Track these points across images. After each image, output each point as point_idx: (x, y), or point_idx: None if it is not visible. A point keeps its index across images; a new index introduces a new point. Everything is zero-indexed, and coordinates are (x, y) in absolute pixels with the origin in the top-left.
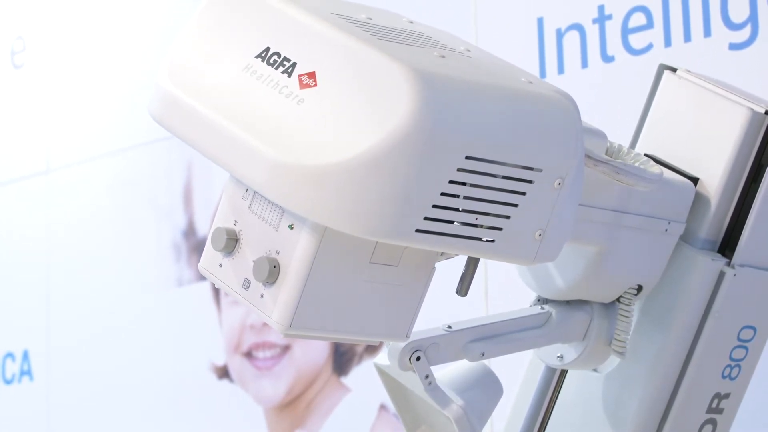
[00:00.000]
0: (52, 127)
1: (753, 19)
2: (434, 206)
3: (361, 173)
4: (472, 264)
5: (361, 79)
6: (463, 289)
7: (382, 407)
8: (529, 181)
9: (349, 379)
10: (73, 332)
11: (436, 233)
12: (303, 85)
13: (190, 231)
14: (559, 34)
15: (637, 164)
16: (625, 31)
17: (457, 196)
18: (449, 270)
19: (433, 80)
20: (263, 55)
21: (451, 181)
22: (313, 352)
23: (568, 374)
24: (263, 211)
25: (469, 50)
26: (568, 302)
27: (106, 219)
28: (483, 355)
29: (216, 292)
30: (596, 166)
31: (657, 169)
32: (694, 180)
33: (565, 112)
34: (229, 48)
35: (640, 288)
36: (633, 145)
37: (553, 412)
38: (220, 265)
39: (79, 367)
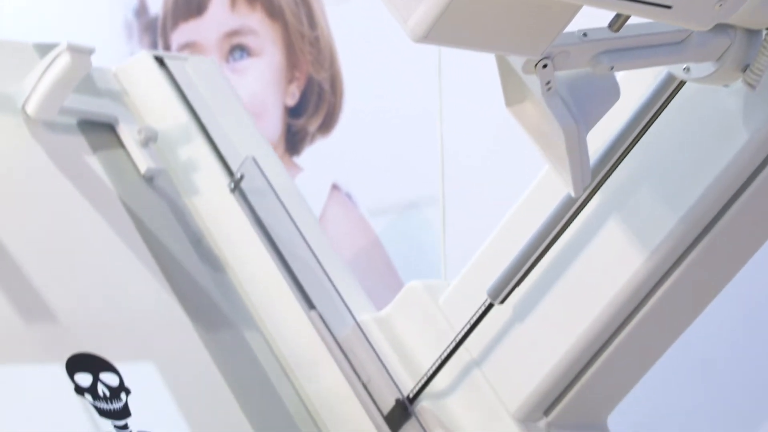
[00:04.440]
0: None
1: None
2: None
3: None
4: None
5: None
6: (616, 24)
7: (334, 187)
8: None
9: (301, 159)
10: None
11: None
12: None
13: (141, 10)
14: None
15: None
16: None
17: None
18: None
19: None
20: None
21: None
22: (265, 132)
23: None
24: None
25: None
26: None
27: None
28: (612, 68)
29: None
30: None
31: None
32: None
33: None
34: None
35: None
36: None
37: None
38: None
39: None
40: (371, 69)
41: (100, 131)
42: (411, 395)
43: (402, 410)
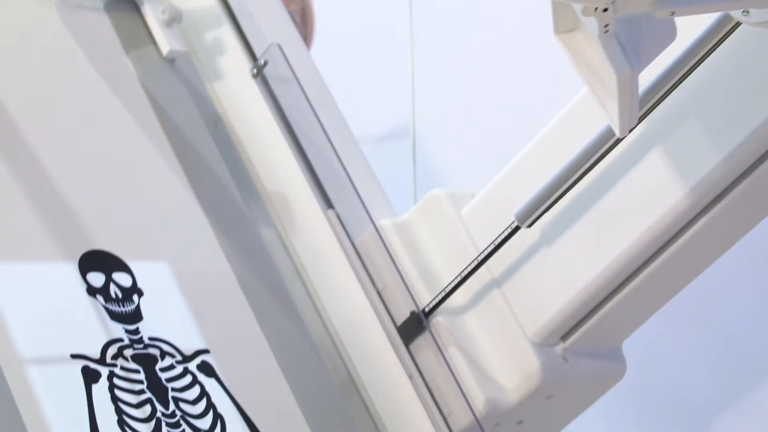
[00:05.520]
0: None
1: None
2: None
3: None
4: None
5: None
6: None
7: None
8: None
9: None
10: None
11: None
12: None
13: None
14: None
15: None
16: None
17: None
18: None
19: None
20: None
21: None
22: None
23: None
24: None
25: None
26: None
27: None
28: (673, 14)
29: None
30: None
31: None
32: None
33: None
34: None
35: None
36: None
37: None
38: None
39: None
40: (342, 1)
41: (125, 10)
42: (427, 309)
43: (416, 323)
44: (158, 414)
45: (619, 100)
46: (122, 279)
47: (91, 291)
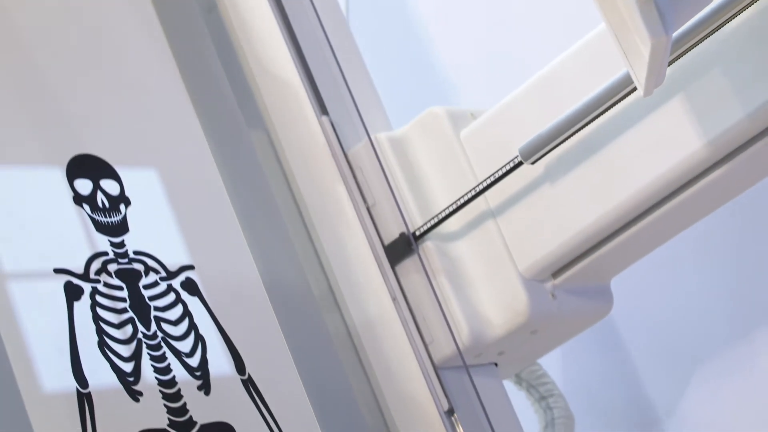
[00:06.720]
0: None
1: None
2: None
3: None
4: None
5: None
6: None
7: None
8: None
9: None
10: None
11: None
12: None
13: None
14: None
15: None
16: None
17: None
18: None
19: None
20: None
21: None
22: None
23: None
24: None
25: None
26: None
27: None
28: None
29: None
30: None
31: None
32: None
33: None
34: None
35: None
36: None
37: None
38: None
39: None
40: None
41: None
42: (418, 232)
43: (405, 244)
44: (139, 335)
45: (649, 63)
46: (110, 186)
47: (78, 199)
